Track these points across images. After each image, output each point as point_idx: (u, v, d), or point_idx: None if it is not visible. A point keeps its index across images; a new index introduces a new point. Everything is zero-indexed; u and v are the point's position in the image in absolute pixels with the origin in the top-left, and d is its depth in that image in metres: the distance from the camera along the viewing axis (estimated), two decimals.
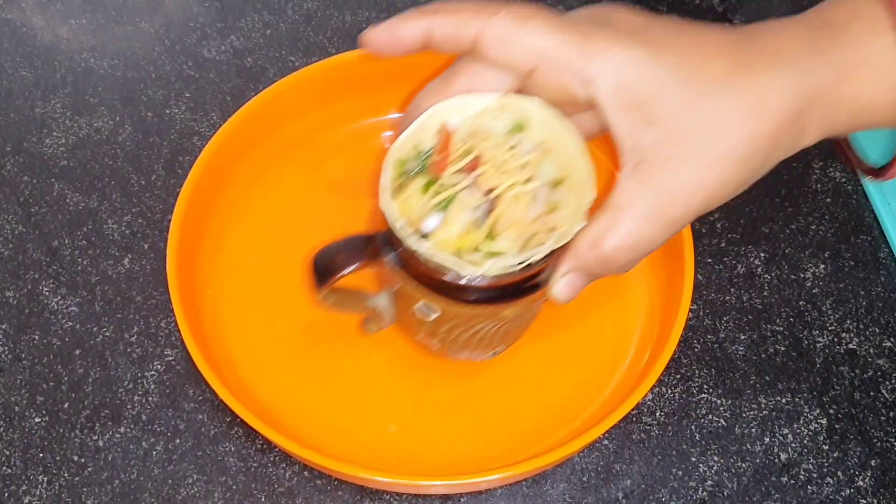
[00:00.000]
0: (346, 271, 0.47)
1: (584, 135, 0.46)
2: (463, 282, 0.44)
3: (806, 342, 0.60)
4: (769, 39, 0.41)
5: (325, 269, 0.48)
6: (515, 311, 0.48)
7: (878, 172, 0.50)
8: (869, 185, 0.66)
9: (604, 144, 0.66)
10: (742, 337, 0.60)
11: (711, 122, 0.40)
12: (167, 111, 0.71)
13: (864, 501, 0.55)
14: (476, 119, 0.47)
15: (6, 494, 0.54)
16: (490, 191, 0.44)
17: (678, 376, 0.59)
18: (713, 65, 0.40)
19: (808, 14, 0.42)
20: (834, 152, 0.52)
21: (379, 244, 0.47)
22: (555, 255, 0.44)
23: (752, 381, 0.59)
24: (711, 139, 0.40)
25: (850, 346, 0.60)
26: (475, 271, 0.44)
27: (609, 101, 0.41)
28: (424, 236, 0.45)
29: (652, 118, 0.40)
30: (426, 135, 0.47)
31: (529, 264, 0.44)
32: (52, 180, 0.67)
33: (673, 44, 0.41)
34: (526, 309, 0.48)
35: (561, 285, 0.45)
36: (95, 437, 0.56)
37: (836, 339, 0.60)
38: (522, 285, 0.46)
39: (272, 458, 0.55)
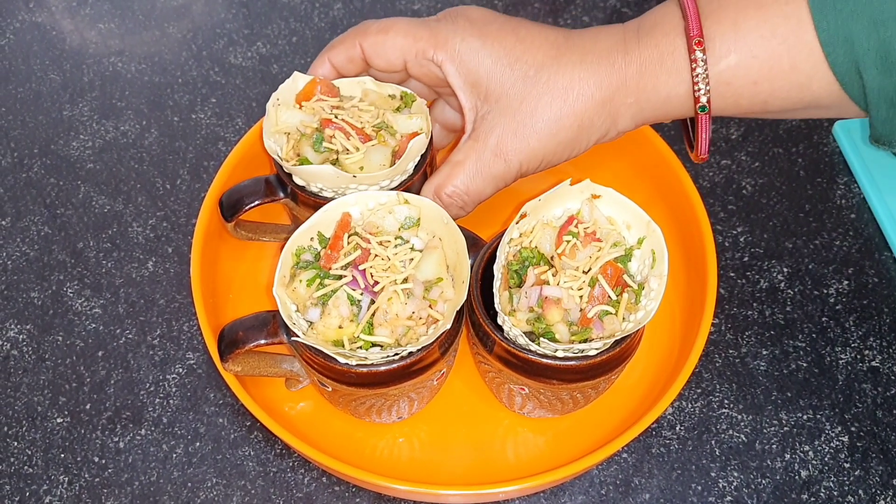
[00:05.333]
0: (246, 347, 0.50)
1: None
2: (342, 367, 0.47)
3: (828, 359, 0.60)
4: (585, 40, 0.50)
5: (228, 343, 0.51)
6: (402, 391, 0.50)
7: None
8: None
9: (616, 150, 0.66)
10: (764, 352, 0.60)
11: (528, 101, 0.50)
12: (193, 116, 0.71)
13: None
14: (372, 214, 0.51)
15: (27, 494, 0.55)
16: (375, 283, 0.48)
17: (699, 391, 0.58)
18: (532, 56, 0.50)
19: (631, 21, 0.51)
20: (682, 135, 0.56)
21: (278, 325, 0.50)
22: (433, 346, 0.48)
23: (773, 397, 0.58)
24: (528, 114, 0.50)
25: (874, 363, 0.60)
26: (349, 361, 0.47)
27: (456, 81, 0.52)
28: (311, 324, 0.48)
29: (485, 95, 0.51)
30: (327, 225, 0.51)
31: (410, 353, 0.47)
32: (79, 183, 0.68)
33: (504, 36, 0.51)
34: (414, 388, 0.50)
35: None
36: (116, 439, 0.56)
37: (858, 357, 0.60)
38: (407, 370, 0.48)
39: (291, 464, 0.55)
